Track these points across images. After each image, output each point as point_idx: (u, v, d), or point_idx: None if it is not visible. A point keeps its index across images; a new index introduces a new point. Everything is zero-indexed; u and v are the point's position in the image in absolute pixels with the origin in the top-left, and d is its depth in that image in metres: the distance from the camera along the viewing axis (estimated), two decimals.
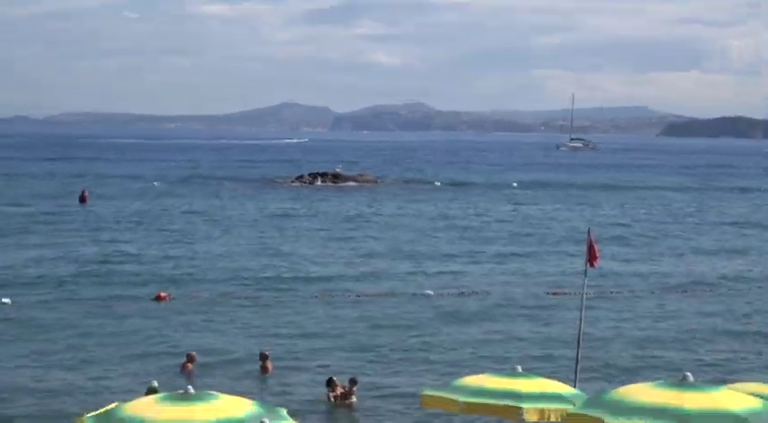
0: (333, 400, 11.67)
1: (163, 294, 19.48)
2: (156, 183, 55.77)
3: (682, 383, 5.96)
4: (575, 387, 8.28)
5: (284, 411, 5.91)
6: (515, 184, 60.65)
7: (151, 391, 9.62)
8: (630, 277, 23.95)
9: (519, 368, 7.19)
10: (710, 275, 24.82)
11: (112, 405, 5.79)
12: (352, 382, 11.85)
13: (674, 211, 45.51)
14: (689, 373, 6.23)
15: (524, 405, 6.30)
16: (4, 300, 18.42)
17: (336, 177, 58.02)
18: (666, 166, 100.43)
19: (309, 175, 58.99)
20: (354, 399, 11.63)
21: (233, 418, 5.33)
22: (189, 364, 13.49)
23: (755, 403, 5.99)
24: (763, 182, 71.09)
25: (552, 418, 6.42)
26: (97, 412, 5.69)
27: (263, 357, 13.63)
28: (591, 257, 10.88)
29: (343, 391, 11.75)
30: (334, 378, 11.91)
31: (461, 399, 6.60)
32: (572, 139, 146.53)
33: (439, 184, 60.44)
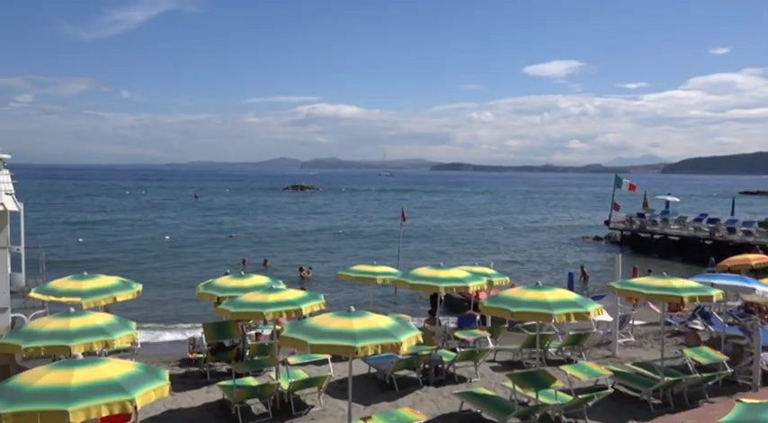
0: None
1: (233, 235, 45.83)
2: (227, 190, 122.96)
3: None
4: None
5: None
6: (373, 188, 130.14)
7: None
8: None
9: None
10: None
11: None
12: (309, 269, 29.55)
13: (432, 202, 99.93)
14: None
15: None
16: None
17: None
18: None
19: (293, 186, 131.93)
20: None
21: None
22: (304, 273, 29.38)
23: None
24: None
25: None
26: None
27: (301, 270, 29.80)
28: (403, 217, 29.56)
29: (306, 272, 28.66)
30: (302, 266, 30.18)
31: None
32: (387, 172, 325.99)
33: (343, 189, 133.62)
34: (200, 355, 13.24)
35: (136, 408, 5.75)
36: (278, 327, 11.13)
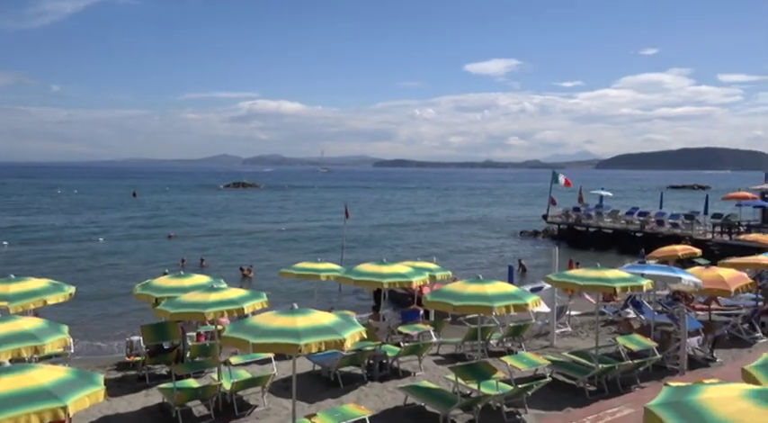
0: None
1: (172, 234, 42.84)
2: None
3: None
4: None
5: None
6: (316, 186, 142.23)
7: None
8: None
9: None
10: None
11: None
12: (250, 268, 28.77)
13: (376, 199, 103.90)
14: None
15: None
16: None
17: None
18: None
19: (234, 183, 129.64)
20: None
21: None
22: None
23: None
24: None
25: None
26: None
27: (242, 269, 28.90)
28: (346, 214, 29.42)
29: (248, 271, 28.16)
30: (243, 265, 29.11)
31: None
32: (324, 168, 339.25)
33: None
34: (138, 359, 12.85)
35: (69, 415, 5.53)
36: (219, 327, 10.93)
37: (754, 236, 24.56)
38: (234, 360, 11.66)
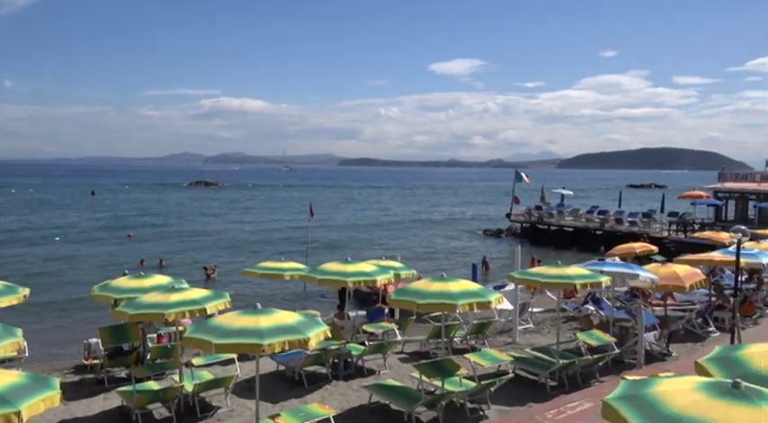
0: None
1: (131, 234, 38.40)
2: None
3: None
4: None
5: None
6: (280, 185, 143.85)
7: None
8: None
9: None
10: None
11: None
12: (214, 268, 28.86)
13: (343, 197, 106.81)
14: None
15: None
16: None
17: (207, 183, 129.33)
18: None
19: (197, 182, 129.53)
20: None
21: None
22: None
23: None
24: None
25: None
26: None
27: (206, 269, 29.09)
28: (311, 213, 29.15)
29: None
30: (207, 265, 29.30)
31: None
32: (286, 167, 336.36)
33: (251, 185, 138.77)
34: (97, 361, 12.54)
35: (22, 420, 5.36)
36: (180, 328, 10.75)
37: (707, 233, 25.37)
38: (196, 361, 11.48)
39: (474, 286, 10.87)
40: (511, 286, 15.58)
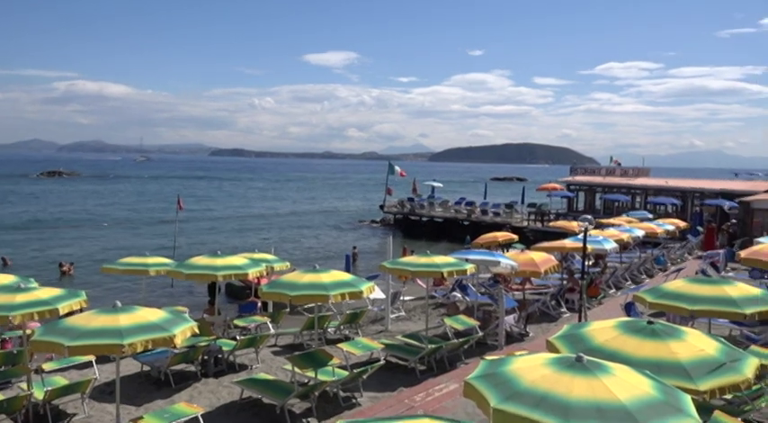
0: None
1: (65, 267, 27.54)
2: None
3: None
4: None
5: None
6: (146, 176, 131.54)
7: None
8: None
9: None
10: None
11: None
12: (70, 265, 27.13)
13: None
14: None
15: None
16: None
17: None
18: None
19: (49, 172, 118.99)
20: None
21: None
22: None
23: None
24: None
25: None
26: None
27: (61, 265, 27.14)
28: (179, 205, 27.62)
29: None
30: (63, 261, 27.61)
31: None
32: (142, 157, 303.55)
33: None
34: None
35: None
36: (28, 331, 9.84)
37: (560, 223, 27.59)
38: (47, 366, 10.56)
39: (346, 276, 11.00)
40: (383, 275, 15.94)
